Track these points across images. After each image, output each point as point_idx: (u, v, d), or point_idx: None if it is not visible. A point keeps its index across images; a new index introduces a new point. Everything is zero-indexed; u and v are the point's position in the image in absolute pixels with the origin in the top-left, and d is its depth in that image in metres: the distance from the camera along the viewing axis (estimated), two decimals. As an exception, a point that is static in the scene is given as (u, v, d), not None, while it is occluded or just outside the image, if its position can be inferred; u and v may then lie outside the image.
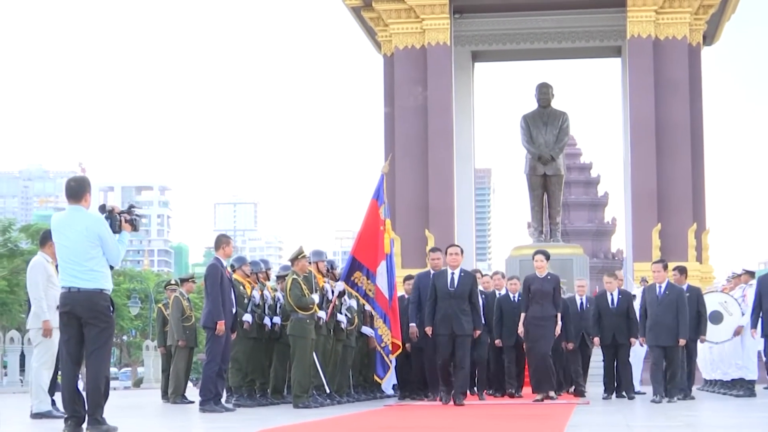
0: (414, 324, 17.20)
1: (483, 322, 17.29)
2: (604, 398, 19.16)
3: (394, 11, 34.79)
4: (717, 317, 19.58)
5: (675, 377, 17.52)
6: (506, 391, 19.21)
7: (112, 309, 10.39)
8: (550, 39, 36.32)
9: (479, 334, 16.68)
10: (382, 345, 17.36)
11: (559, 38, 36.30)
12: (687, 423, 11.60)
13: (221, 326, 14.51)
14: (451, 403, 15.63)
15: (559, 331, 17.49)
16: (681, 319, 17.46)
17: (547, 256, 17.77)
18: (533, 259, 17.72)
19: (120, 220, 10.54)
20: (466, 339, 15.94)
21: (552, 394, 17.17)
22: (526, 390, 18.95)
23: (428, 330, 16.16)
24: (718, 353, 21.06)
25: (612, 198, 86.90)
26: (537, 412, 13.77)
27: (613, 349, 19.54)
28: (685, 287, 18.69)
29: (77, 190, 10.36)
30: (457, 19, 35.26)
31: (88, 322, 10.24)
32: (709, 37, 36.92)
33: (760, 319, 17.60)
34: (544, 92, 35.82)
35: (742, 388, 19.92)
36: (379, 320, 17.39)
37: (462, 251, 16.71)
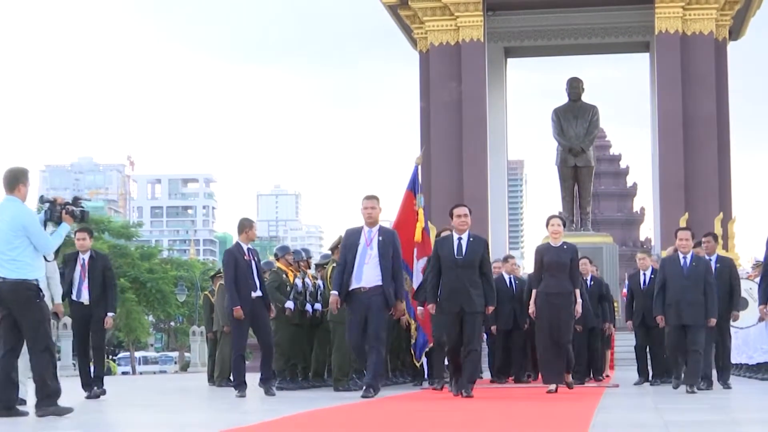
0: (335, 293, 13.67)
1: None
2: (636, 384, 17.60)
3: (430, 9, 34.78)
4: (743, 303, 19.42)
5: (698, 362, 14.44)
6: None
7: (39, 298, 10.14)
8: (580, 35, 36.26)
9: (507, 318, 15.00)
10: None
11: (589, 34, 36.24)
12: (714, 405, 11.54)
13: (238, 312, 14.38)
14: (460, 395, 12.81)
15: (580, 311, 14.44)
16: (709, 295, 14.56)
17: (564, 223, 14.79)
18: (548, 224, 14.49)
19: (60, 211, 10.47)
20: (477, 317, 13.00)
21: (569, 380, 14.39)
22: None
23: (431, 308, 13.37)
24: (743, 338, 20.94)
25: (640, 188, 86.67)
26: (566, 395, 13.70)
27: (644, 331, 17.80)
28: (714, 258, 16.18)
29: (11, 181, 10.24)
30: (490, 16, 35.22)
31: (18, 313, 10.09)
32: (734, 33, 36.72)
33: None
34: (574, 86, 35.85)
35: (767, 372, 19.82)
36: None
37: (470, 212, 13.50)
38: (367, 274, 13.49)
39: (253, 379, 14.91)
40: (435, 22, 34.77)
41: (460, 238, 13.17)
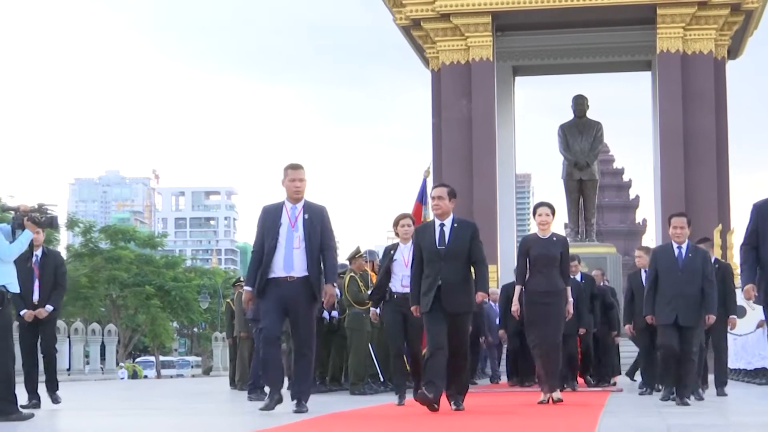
0: (249, 288, 10.94)
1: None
2: (640, 393, 15.53)
3: (441, 30, 34.77)
4: (741, 311, 19.39)
5: (690, 369, 12.28)
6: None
7: (1, 304, 9.96)
8: (585, 54, 36.26)
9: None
10: None
11: (594, 53, 36.24)
12: (715, 410, 11.51)
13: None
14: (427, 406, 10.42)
15: (571, 311, 12.38)
16: (709, 290, 12.31)
17: (554, 211, 12.53)
18: (535, 213, 12.41)
19: (21, 218, 10.37)
20: (463, 318, 10.67)
21: (556, 395, 12.15)
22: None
23: (415, 310, 10.81)
24: (742, 344, 20.95)
25: (642, 200, 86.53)
26: (572, 399, 13.64)
27: (650, 334, 14.92)
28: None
29: None
30: (499, 36, 35.19)
31: None
32: (733, 52, 36.65)
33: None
34: (579, 103, 35.98)
35: (765, 377, 19.78)
36: None
37: (450, 194, 10.88)
38: (298, 260, 10.75)
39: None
40: (446, 43, 34.75)
41: (442, 225, 10.72)
